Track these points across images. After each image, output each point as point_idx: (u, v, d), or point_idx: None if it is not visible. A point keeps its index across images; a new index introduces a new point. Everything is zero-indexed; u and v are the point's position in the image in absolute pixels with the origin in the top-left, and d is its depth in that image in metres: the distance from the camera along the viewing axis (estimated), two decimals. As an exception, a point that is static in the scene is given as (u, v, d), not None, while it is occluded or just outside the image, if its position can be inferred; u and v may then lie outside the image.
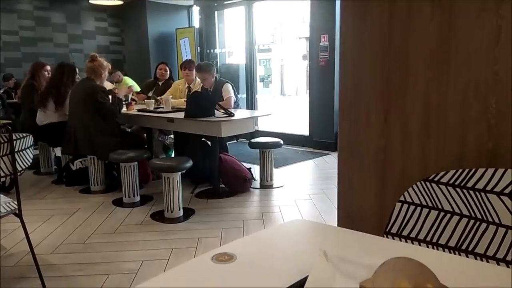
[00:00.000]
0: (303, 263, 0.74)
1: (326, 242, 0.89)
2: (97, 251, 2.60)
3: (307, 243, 0.86)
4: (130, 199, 3.49)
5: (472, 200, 1.17)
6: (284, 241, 0.86)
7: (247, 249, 0.82)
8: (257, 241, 0.87)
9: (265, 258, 0.78)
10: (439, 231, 1.23)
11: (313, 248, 0.80)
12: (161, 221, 3.08)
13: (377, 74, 1.59)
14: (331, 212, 3.25)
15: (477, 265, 0.83)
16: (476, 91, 1.36)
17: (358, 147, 1.70)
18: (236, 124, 3.48)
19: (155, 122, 3.83)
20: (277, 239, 0.87)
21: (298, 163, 5.04)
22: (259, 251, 0.81)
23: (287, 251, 0.81)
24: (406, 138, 1.55)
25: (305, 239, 0.89)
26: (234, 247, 0.82)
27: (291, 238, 0.88)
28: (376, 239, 0.91)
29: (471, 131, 1.38)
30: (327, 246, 0.72)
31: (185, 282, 0.72)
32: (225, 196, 3.67)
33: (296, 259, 0.77)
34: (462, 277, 0.70)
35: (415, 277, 0.47)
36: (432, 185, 1.25)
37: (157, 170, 3.34)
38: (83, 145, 3.69)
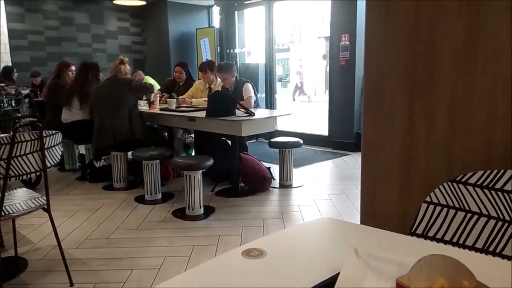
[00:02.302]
0: (333, 260, 0.75)
1: (354, 239, 0.90)
2: (120, 246, 2.65)
3: (335, 241, 0.87)
4: (152, 196, 3.55)
5: (501, 202, 1.16)
6: (312, 238, 0.87)
7: (276, 245, 0.84)
8: (285, 238, 0.88)
9: (294, 255, 0.79)
10: (466, 233, 1.22)
11: (342, 246, 0.81)
12: (182, 219, 3.13)
13: (402, 72, 1.58)
14: (351, 212, 3.23)
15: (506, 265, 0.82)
16: (504, 90, 1.34)
17: (382, 146, 1.69)
18: (257, 124, 3.49)
19: (176, 121, 3.89)
20: (305, 236, 0.88)
21: (317, 163, 5.03)
22: (288, 248, 0.83)
23: (316, 248, 0.82)
24: (432, 137, 1.53)
25: (333, 237, 0.90)
26: (263, 243, 0.84)
27: (319, 235, 0.89)
28: (404, 238, 0.91)
29: (498, 130, 1.36)
30: (357, 244, 0.73)
31: (216, 276, 0.74)
32: (244, 195, 3.69)
33: (326, 256, 0.78)
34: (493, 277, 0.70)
35: (451, 274, 0.48)
36: (459, 186, 1.24)
37: (179, 168, 3.38)
38: (122, 135, 3.80)
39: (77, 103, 4.13)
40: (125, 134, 3.77)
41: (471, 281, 0.46)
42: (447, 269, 0.48)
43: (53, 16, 7.47)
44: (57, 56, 7.17)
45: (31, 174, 2.01)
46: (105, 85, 3.93)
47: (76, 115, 4.17)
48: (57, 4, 7.49)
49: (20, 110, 5.04)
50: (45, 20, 7.39)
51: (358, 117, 5.51)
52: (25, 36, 7.18)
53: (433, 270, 0.49)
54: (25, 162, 1.95)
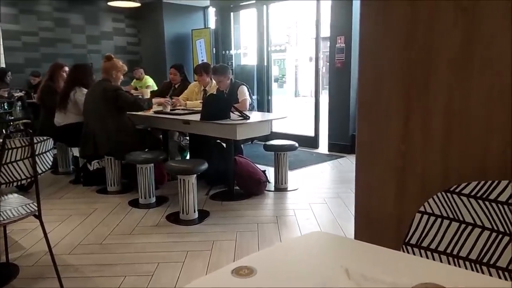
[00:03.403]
0: (325, 279, 0.73)
1: (346, 256, 0.88)
2: (114, 252, 2.63)
3: (326, 257, 0.85)
4: (146, 200, 3.53)
5: (495, 213, 1.15)
6: (304, 254, 0.86)
7: (267, 262, 0.82)
8: (276, 254, 0.86)
9: (285, 272, 0.77)
10: (460, 244, 1.21)
11: (333, 263, 0.79)
12: (176, 223, 3.11)
13: (397, 78, 1.56)
14: (346, 217, 3.22)
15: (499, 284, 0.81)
16: (500, 97, 1.33)
17: (377, 152, 1.67)
18: (252, 127, 3.48)
19: (171, 124, 3.86)
20: (297, 252, 0.86)
21: (313, 166, 5.02)
22: (279, 265, 0.81)
23: (307, 265, 0.81)
24: (427, 144, 1.52)
25: (325, 253, 0.88)
26: (253, 260, 0.82)
27: (311, 252, 0.87)
28: (397, 254, 0.90)
29: (495, 139, 1.35)
30: (347, 261, 0.71)
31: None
32: (239, 198, 3.67)
33: (317, 274, 0.76)
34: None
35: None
36: (453, 196, 1.23)
37: (173, 172, 3.36)
38: (102, 147, 3.73)
39: (72, 105, 4.09)
40: (107, 145, 3.71)
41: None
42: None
43: (47, 17, 7.42)
44: (52, 57, 7.12)
45: (22, 181, 1.98)
46: (91, 89, 3.87)
47: (70, 118, 4.14)
48: (51, 5, 7.44)
49: (13, 113, 5.00)
50: (40, 21, 7.34)
51: (353, 118, 5.51)
52: (19, 37, 7.13)
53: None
54: (15, 169, 1.92)
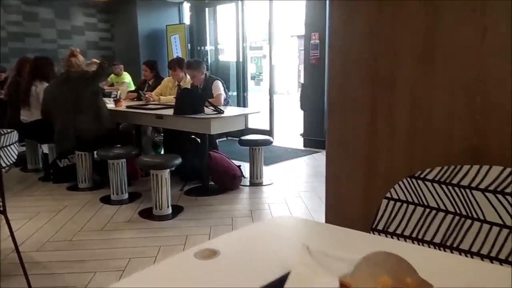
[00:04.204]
0: (287, 258, 0.73)
1: (311, 238, 0.89)
2: (84, 248, 2.57)
3: (292, 239, 0.85)
4: (118, 196, 3.46)
5: (457, 197, 1.18)
6: (269, 237, 0.85)
7: (231, 245, 0.82)
8: (241, 237, 0.86)
9: (249, 254, 0.77)
10: (425, 228, 1.23)
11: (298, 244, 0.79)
12: (149, 219, 3.06)
13: (364, 71, 1.59)
14: (320, 209, 3.25)
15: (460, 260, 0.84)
16: (462, 89, 1.37)
17: (346, 145, 1.70)
18: (226, 121, 3.46)
19: (144, 118, 3.80)
20: (262, 235, 0.86)
21: (288, 161, 5.04)
22: (243, 247, 0.80)
23: (272, 247, 0.81)
24: (393, 135, 1.55)
25: (290, 235, 0.88)
26: (217, 243, 0.81)
27: (276, 234, 0.87)
28: (361, 235, 0.91)
29: (457, 128, 1.39)
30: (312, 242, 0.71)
31: (166, 279, 0.71)
32: (214, 193, 3.66)
33: (280, 255, 0.76)
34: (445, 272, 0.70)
35: (394, 271, 0.47)
36: (418, 182, 1.26)
37: (145, 167, 3.31)
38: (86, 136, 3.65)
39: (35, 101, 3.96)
40: (92, 132, 3.64)
41: (414, 278, 0.46)
42: (391, 266, 0.48)
43: (15, 11, 7.16)
44: (20, 52, 6.87)
45: (-16, 174, 1.90)
46: (59, 83, 3.75)
47: (36, 114, 4.00)
48: (19, -2, 7.20)
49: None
50: (7, 14, 7.08)
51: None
52: (-15, 31, 6.86)
53: (377, 268, 0.48)
54: (-23, 162, 1.84)
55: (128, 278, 0.72)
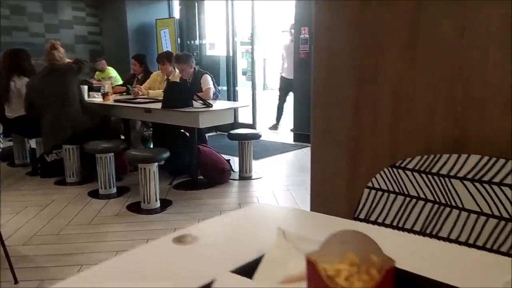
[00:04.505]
0: (264, 243, 0.74)
1: (289, 223, 0.90)
2: (71, 242, 2.56)
3: (269, 225, 0.86)
4: (106, 190, 3.45)
5: (437, 185, 1.20)
6: (247, 223, 0.86)
7: (210, 231, 0.83)
8: (220, 224, 0.87)
9: (227, 239, 0.78)
10: (405, 216, 1.26)
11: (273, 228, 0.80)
12: (137, 212, 3.06)
13: (348, 63, 1.60)
14: (308, 202, 3.27)
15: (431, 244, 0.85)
16: (443, 81, 1.38)
17: (331, 138, 1.71)
18: (215, 115, 3.46)
19: (132, 112, 3.79)
20: (241, 222, 0.87)
21: (278, 155, 5.06)
22: (222, 233, 0.81)
23: (249, 232, 0.82)
24: (377, 126, 1.57)
25: (268, 221, 0.89)
26: (196, 229, 0.82)
27: (255, 220, 0.88)
28: (339, 221, 0.92)
29: (438, 118, 1.41)
30: (289, 227, 0.72)
31: (144, 263, 0.72)
32: (203, 187, 3.66)
33: (257, 239, 0.77)
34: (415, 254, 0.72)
35: (360, 249, 0.48)
36: (398, 171, 1.28)
37: (133, 161, 3.30)
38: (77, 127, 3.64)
39: (16, 97, 3.90)
40: (83, 124, 3.62)
41: (379, 255, 0.47)
42: (357, 244, 0.49)
43: (2, 4, 7.05)
44: (7, 46, 6.72)
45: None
46: (43, 77, 3.69)
47: (20, 110, 3.94)
48: (6, -8, 7.08)
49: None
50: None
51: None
52: (-29, 24, 6.75)
53: (343, 245, 0.49)
54: (-40, 155, 1.82)
55: (108, 261, 0.73)
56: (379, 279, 0.43)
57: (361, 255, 0.48)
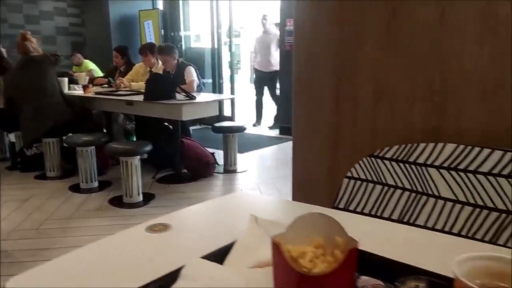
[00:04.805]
0: (238, 230, 0.73)
1: (266, 212, 0.90)
2: (51, 236, 2.52)
3: (246, 213, 0.85)
4: (88, 184, 3.40)
5: (414, 174, 1.21)
6: (223, 211, 0.86)
7: (183, 219, 0.82)
8: (195, 212, 0.86)
9: (200, 227, 0.77)
10: (383, 205, 1.27)
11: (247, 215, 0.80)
12: (119, 206, 3.03)
13: (328, 54, 1.60)
14: (292, 195, 3.29)
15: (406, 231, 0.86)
16: (421, 70, 1.39)
17: (312, 128, 1.71)
18: (198, 108, 3.43)
19: (114, 105, 3.73)
20: (216, 210, 0.86)
21: (263, 148, 5.05)
22: (196, 221, 0.81)
23: (224, 220, 0.81)
24: (357, 116, 1.57)
25: (245, 210, 0.89)
26: (170, 218, 0.81)
27: (231, 208, 0.88)
28: (315, 209, 0.92)
29: (417, 108, 1.42)
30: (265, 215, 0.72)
31: (116, 251, 0.70)
32: (187, 181, 3.63)
33: (232, 227, 0.76)
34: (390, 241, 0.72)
35: (326, 231, 0.48)
36: (377, 161, 1.28)
37: (114, 154, 3.25)
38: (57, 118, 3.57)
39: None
40: (63, 115, 3.55)
41: (343, 236, 0.47)
42: (322, 226, 0.48)
43: (-21, -6, 6.85)
44: (-15, 37, 6.60)
45: None
46: (20, 69, 3.59)
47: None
48: (-17, -19, 6.88)
49: None
50: (-30, -2, 6.77)
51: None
52: None
53: (310, 228, 0.49)
54: None
55: (81, 248, 0.71)
56: (341, 259, 0.43)
57: (327, 237, 0.48)
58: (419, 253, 0.67)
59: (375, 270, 0.58)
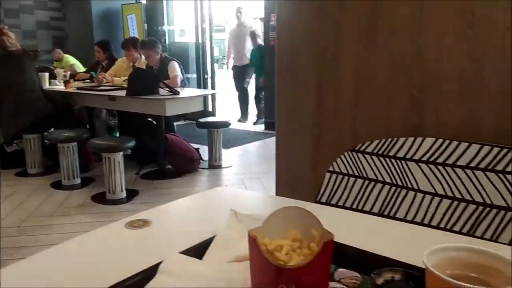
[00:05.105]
0: (218, 225, 0.73)
1: (247, 206, 0.90)
2: (32, 234, 2.48)
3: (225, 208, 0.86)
4: (70, 181, 3.35)
5: (394, 168, 1.23)
6: (205, 206, 0.86)
7: (164, 215, 0.81)
8: (175, 208, 0.86)
9: (180, 223, 0.77)
10: (364, 199, 1.28)
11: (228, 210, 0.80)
12: (102, 203, 2.99)
13: (310, 47, 1.60)
14: (277, 190, 3.30)
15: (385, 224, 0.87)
16: (401, 66, 1.41)
17: (294, 121, 1.72)
18: (182, 103, 3.41)
19: (95, 100, 3.67)
20: (196, 206, 0.86)
21: (248, 144, 5.06)
22: (176, 217, 0.80)
23: (205, 215, 0.81)
24: (339, 111, 1.58)
25: (226, 205, 0.89)
26: (150, 213, 0.81)
27: (213, 204, 0.88)
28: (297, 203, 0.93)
29: (397, 103, 1.44)
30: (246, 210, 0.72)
31: (94, 247, 0.70)
32: (171, 177, 3.61)
33: (212, 222, 0.76)
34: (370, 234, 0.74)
35: (302, 224, 0.48)
36: (358, 155, 1.30)
37: (97, 150, 3.21)
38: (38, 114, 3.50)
39: None
40: (43, 110, 3.49)
41: (319, 230, 0.47)
42: (299, 220, 0.49)
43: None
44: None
45: None
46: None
47: None
48: (-41, -27, 6.67)
49: None
50: None
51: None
52: None
53: (287, 222, 0.49)
54: None
55: (59, 245, 0.71)
56: (317, 251, 0.43)
57: (303, 230, 0.48)
58: (396, 245, 0.68)
59: (353, 262, 0.59)
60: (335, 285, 0.55)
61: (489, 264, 0.46)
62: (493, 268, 0.45)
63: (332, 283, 0.55)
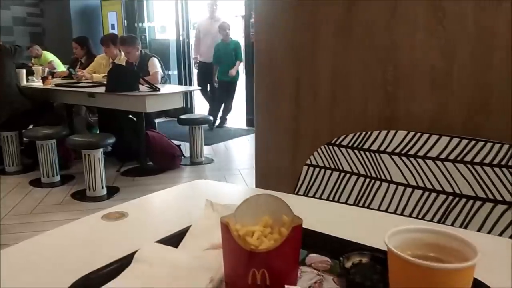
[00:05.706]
0: (194, 216, 0.75)
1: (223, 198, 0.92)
2: (10, 232, 2.45)
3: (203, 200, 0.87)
4: (49, 179, 3.30)
5: (368, 160, 1.27)
6: (180, 199, 0.87)
7: (141, 207, 0.82)
8: (153, 200, 0.87)
9: (156, 215, 0.78)
10: (340, 191, 1.32)
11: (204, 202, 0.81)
12: (82, 200, 2.97)
13: (288, 42, 1.62)
14: (258, 185, 3.33)
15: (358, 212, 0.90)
16: (375, 60, 1.44)
17: (273, 115, 1.74)
18: (163, 99, 3.40)
19: (75, 97, 3.62)
20: (174, 198, 0.87)
21: (230, 140, 5.07)
22: (153, 209, 0.82)
23: (182, 207, 0.82)
24: (316, 104, 1.61)
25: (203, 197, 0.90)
26: (127, 206, 0.82)
27: (189, 196, 0.89)
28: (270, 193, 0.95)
29: (371, 97, 1.47)
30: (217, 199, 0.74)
31: (69, 239, 0.70)
32: (153, 173, 3.60)
33: (188, 213, 0.78)
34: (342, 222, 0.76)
35: (273, 211, 0.50)
36: (334, 148, 1.33)
37: (76, 147, 3.17)
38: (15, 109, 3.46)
39: None
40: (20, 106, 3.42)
41: (289, 215, 0.49)
42: (271, 206, 0.51)
43: None
44: None
45: None
46: None
47: None
48: None
49: None
50: None
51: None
52: None
53: (258, 209, 0.51)
54: None
55: (36, 237, 0.71)
56: (286, 235, 0.45)
57: (274, 217, 0.50)
58: (366, 232, 0.71)
59: (323, 248, 0.62)
60: (307, 269, 0.58)
61: (448, 244, 0.49)
62: (450, 247, 0.48)
63: (304, 267, 0.58)
